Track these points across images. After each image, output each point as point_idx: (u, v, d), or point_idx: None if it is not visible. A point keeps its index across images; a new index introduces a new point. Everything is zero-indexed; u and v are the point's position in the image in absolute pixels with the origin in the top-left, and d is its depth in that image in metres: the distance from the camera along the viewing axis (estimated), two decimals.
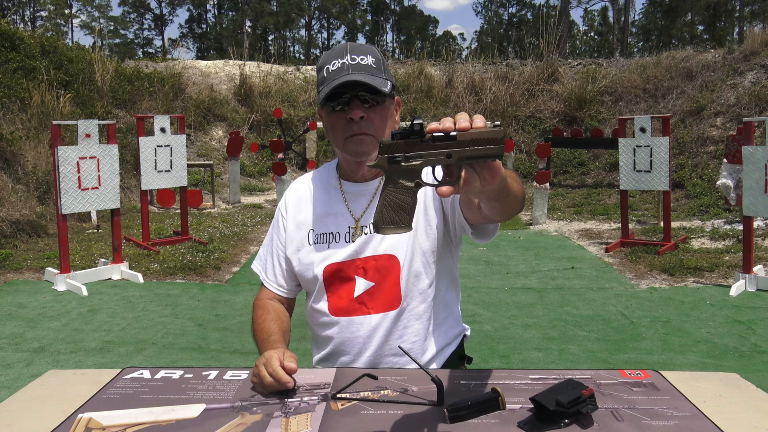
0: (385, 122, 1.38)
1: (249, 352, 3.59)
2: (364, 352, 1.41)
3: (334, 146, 1.43)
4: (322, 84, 1.37)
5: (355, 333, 1.41)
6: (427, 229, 1.42)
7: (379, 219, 0.95)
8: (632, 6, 43.38)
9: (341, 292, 1.42)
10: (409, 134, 0.91)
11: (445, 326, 1.48)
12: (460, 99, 12.24)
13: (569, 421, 1.03)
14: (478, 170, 0.93)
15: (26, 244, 6.33)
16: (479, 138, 0.89)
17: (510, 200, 1.12)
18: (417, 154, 0.91)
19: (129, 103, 10.54)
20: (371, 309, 1.41)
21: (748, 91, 10.16)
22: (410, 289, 1.41)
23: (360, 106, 1.34)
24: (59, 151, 4.81)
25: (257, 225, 7.74)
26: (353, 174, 1.47)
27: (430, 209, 1.42)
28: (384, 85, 1.34)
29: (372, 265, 1.41)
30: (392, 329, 1.41)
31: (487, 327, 3.98)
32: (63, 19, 45.27)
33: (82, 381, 1.27)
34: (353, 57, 1.34)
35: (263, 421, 1.07)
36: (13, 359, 3.50)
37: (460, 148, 0.90)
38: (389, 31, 53.35)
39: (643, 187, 6.20)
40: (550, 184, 8.24)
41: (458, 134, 0.90)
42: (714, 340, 3.71)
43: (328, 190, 1.49)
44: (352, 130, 1.34)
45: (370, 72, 1.34)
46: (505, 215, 1.20)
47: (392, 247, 1.40)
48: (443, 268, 1.45)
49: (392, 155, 0.93)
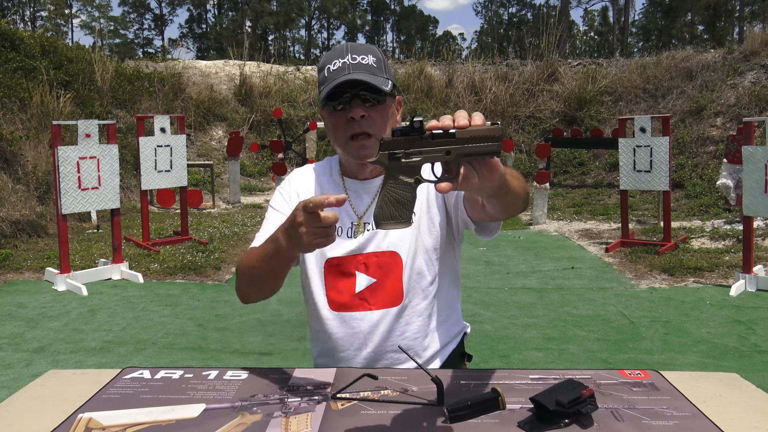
0: (386, 121, 1.38)
1: (249, 352, 3.59)
2: (364, 347, 1.41)
3: (336, 146, 1.43)
4: (323, 84, 1.37)
5: (355, 328, 1.41)
6: (430, 226, 1.42)
7: (379, 214, 0.97)
8: (632, 6, 43.40)
9: (341, 286, 1.42)
10: (409, 131, 0.93)
11: (447, 324, 1.48)
12: (460, 99, 12.24)
13: (569, 421, 1.03)
14: (476, 167, 0.94)
15: (26, 244, 6.33)
16: (478, 135, 0.91)
17: (510, 197, 1.13)
18: (416, 150, 0.93)
19: (129, 103, 10.54)
20: (372, 305, 1.41)
21: (748, 91, 10.16)
22: (412, 285, 1.41)
23: (361, 105, 1.34)
24: (59, 151, 4.81)
25: (257, 225, 7.74)
26: (356, 172, 1.47)
27: (433, 207, 1.43)
28: (385, 84, 1.34)
29: (374, 261, 1.41)
30: (394, 326, 1.41)
31: (487, 327, 3.98)
32: (63, 19, 45.30)
33: (82, 381, 1.27)
34: (354, 56, 1.35)
35: (263, 421, 1.07)
36: (13, 359, 3.51)
37: (458, 145, 0.91)
38: (389, 31, 53.40)
39: (643, 187, 6.20)
40: (550, 184, 8.25)
41: (457, 132, 0.91)
42: (714, 340, 3.72)
43: (331, 185, 1.48)
44: (353, 129, 1.35)
45: (371, 71, 1.35)
46: (508, 212, 1.20)
47: (395, 244, 1.41)
48: (446, 265, 1.46)
49: (392, 152, 0.94)
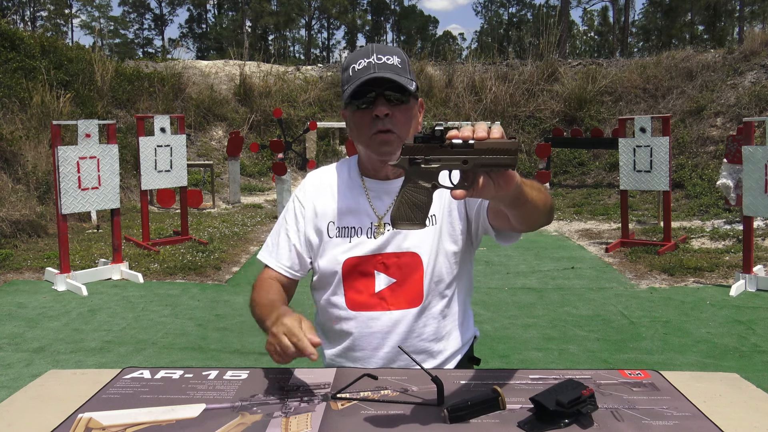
0: (409, 122, 1.38)
1: (249, 352, 3.59)
2: (381, 347, 1.41)
3: (358, 144, 1.43)
4: (348, 83, 1.37)
5: (373, 328, 1.41)
6: (450, 231, 1.43)
7: (396, 215, 1.03)
8: (632, 6, 43.41)
9: (359, 286, 1.42)
10: (430, 139, 0.99)
11: (461, 327, 1.49)
12: (460, 99, 12.24)
13: (569, 421, 1.03)
14: (493, 177, 0.99)
15: (26, 244, 6.33)
16: (494, 148, 0.96)
17: (529, 209, 1.15)
18: (436, 158, 0.99)
19: (129, 103, 10.54)
20: (391, 305, 1.41)
21: (748, 91, 10.16)
22: (432, 288, 1.42)
23: (385, 103, 1.35)
24: (59, 151, 4.81)
25: (257, 225, 7.74)
26: (376, 172, 1.47)
27: (454, 212, 1.44)
28: (409, 84, 1.35)
29: (393, 262, 1.41)
30: (412, 327, 1.41)
31: (487, 327, 3.98)
32: (63, 19, 45.28)
33: (82, 381, 1.27)
34: (379, 57, 1.36)
35: (263, 421, 1.07)
36: (13, 359, 3.50)
37: (475, 156, 0.97)
38: (389, 31, 53.37)
39: (643, 187, 6.20)
40: (550, 184, 8.25)
41: (475, 143, 0.97)
42: (714, 340, 3.71)
43: (350, 186, 1.48)
44: (377, 127, 1.35)
45: (396, 72, 1.35)
46: (529, 224, 1.23)
47: (415, 245, 1.41)
48: (463, 270, 1.47)
49: (413, 157, 1.00)
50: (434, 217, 1.42)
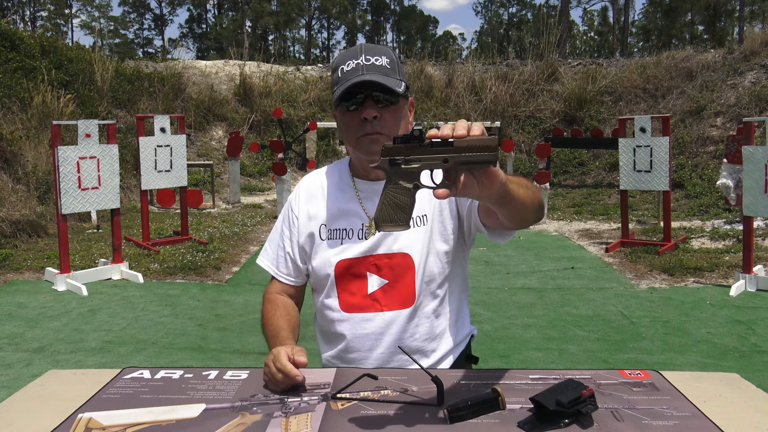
0: (398, 122, 1.38)
1: (249, 352, 3.59)
2: (375, 348, 1.41)
3: (348, 145, 1.44)
4: (337, 84, 1.38)
5: (366, 329, 1.41)
6: (441, 230, 1.43)
7: (379, 216, 1.02)
8: (632, 6, 43.42)
9: (352, 288, 1.43)
10: (410, 139, 0.98)
11: (456, 326, 1.48)
12: (460, 99, 12.24)
13: (569, 421, 1.03)
14: (476, 175, 0.98)
15: (26, 244, 6.33)
16: (474, 145, 0.96)
17: (517, 206, 1.14)
18: (416, 157, 0.98)
19: (129, 103, 10.54)
20: (384, 306, 1.41)
21: (748, 91, 10.16)
22: (424, 288, 1.42)
23: (373, 105, 1.35)
24: (59, 151, 4.81)
25: (257, 225, 7.74)
26: (367, 173, 1.47)
27: (445, 211, 1.44)
28: (398, 86, 1.35)
29: (385, 263, 1.41)
30: (405, 327, 1.41)
31: (487, 327, 3.98)
32: (63, 19, 45.28)
33: (82, 381, 1.27)
34: (368, 57, 1.35)
35: (263, 421, 1.07)
36: (13, 359, 3.50)
37: (455, 154, 0.96)
38: (389, 31, 53.38)
39: (643, 187, 6.20)
40: (550, 184, 8.25)
41: (455, 141, 0.96)
42: (714, 340, 3.71)
43: (341, 188, 1.49)
44: (365, 129, 1.35)
45: (384, 72, 1.35)
46: (518, 221, 1.22)
47: (406, 246, 1.41)
48: (456, 269, 1.47)
49: (393, 158, 0.99)
50: (425, 217, 1.43)
